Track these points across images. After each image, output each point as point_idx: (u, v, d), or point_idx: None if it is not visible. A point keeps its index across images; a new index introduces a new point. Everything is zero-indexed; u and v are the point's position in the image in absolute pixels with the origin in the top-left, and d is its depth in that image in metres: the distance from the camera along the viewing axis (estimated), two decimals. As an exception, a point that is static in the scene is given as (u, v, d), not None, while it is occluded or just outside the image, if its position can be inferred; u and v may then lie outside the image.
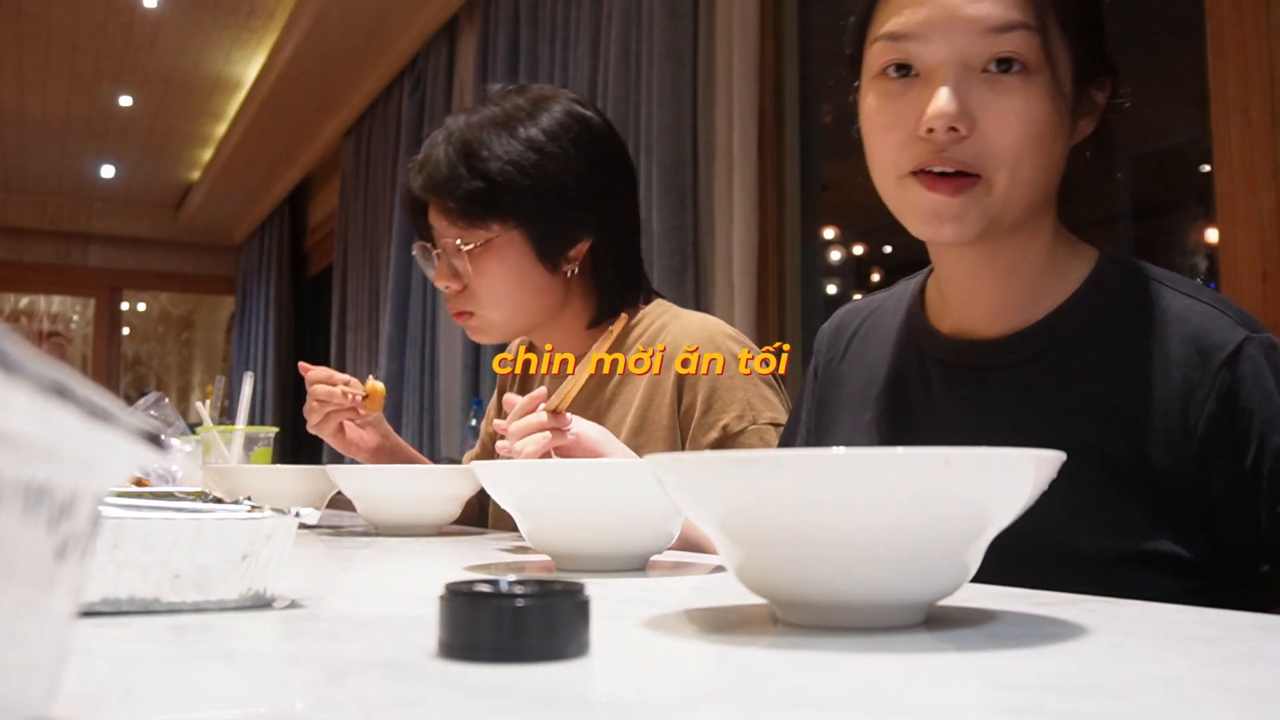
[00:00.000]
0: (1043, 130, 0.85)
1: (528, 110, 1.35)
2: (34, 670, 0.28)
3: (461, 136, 1.34)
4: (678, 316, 1.39)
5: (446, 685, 0.40)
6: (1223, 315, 0.84)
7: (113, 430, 0.27)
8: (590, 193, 1.34)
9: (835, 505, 0.47)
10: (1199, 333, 0.84)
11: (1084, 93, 0.88)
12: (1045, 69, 0.84)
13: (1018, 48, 0.83)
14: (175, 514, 0.60)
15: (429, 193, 1.35)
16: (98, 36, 4.99)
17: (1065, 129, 0.87)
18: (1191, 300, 0.86)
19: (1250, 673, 0.43)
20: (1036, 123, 0.84)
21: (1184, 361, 0.83)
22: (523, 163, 1.31)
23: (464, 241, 1.33)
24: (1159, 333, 0.85)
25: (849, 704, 0.37)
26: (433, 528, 1.28)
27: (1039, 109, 0.84)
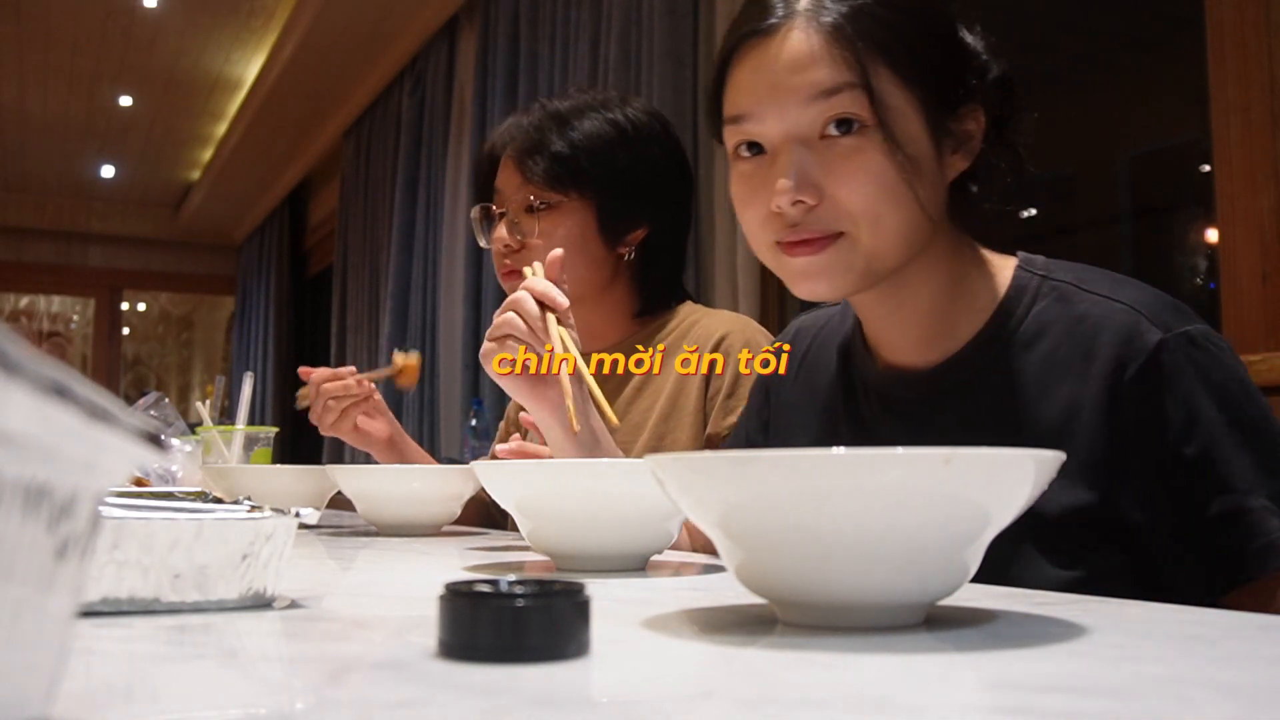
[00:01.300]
0: (895, 181, 0.84)
1: (617, 102, 1.44)
2: (34, 670, 0.28)
3: (555, 109, 1.42)
4: (709, 314, 1.44)
5: (446, 685, 0.40)
6: (1139, 317, 0.83)
7: (113, 430, 0.27)
8: (656, 186, 1.42)
9: (835, 505, 0.47)
10: (1117, 339, 0.83)
11: (945, 129, 0.87)
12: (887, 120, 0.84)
13: (849, 108, 0.84)
14: (175, 514, 0.60)
15: (516, 151, 1.41)
16: (98, 36, 4.99)
17: (927, 170, 0.86)
18: (1108, 303, 0.85)
19: (1250, 673, 0.43)
20: (886, 176, 0.84)
21: (1105, 372, 0.82)
22: (607, 141, 1.39)
23: (536, 199, 1.38)
24: (1080, 343, 0.84)
25: (849, 704, 0.37)
26: (432, 527, 1.28)
27: (884, 162, 0.84)
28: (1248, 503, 0.78)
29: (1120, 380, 0.82)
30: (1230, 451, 0.79)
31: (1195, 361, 0.81)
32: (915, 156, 0.85)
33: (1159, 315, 0.83)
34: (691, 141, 2.69)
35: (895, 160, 0.84)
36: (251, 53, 5.19)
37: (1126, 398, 0.82)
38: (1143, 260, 2.32)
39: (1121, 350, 0.82)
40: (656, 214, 1.43)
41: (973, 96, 0.88)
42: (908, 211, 0.85)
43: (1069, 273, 0.89)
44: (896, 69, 0.85)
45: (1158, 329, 0.82)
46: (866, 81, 0.84)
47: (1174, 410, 0.80)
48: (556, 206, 1.39)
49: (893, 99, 0.84)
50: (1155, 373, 0.81)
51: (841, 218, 0.85)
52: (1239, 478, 0.78)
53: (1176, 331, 0.82)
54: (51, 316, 8.89)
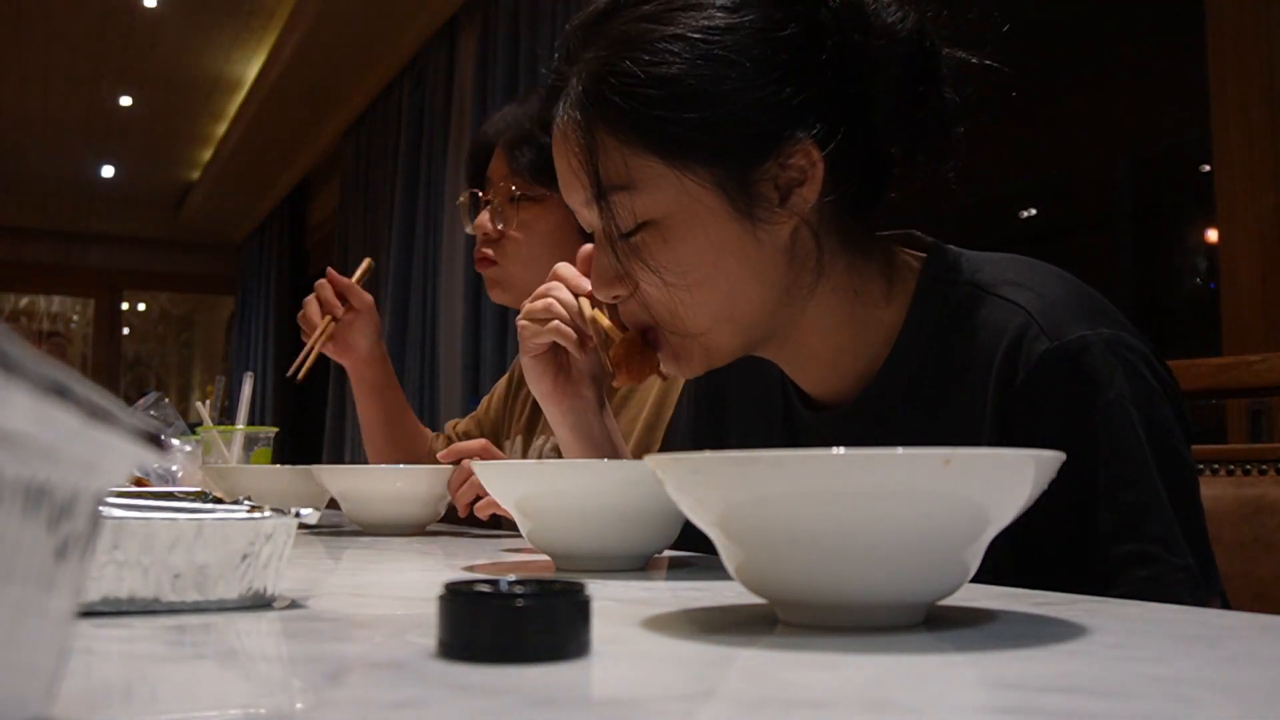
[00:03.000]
0: (695, 267, 0.77)
1: None
2: (34, 670, 0.28)
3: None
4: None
5: (446, 685, 0.40)
6: (1030, 322, 0.76)
7: (113, 430, 0.27)
8: None
9: (835, 505, 0.47)
10: (1007, 347, 0.76)
11: (751, 191, 0.77)
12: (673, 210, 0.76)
13: (618, 212, 0.77)
14: (175, 514, 0.60)
15: (507, 140, 1.41)
16: (98, 36, 5.00)
17: (738, 249, 0.77)
18: (1007, 306, 0.78)
19: (1250, 673, 0.43)
20: (680, 268, 0.77)
21: (997, 384, 0.76)
22: None
23: (519, 190, 1.38)
24: (980, 354, 0.78)
25: (849, 704, 0.37)
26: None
27: (672, 256, 0.77)
28: (1108, 551, 0.72)
29: (1008, 393, 0.76)
30: (1100, 491, 0.72)
31: (1083, 376, 0.73)
32: (701, 245, 0.77)
33: (1053, 320, 0.75)
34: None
35: (682, 255, 0.77)
36: (251, 53, 5.19)
37: (1013, 413, 0.76)
38: (1143, 260, 2.32)
39: (1008, 361, 0.76)
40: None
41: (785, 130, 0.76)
42: (729, 283, 0.78)
43: (978, 271, 0.82)
44: (658, 150, 0.76)
45: (1046, 336, 0.75)
46: (600, 192, 0.78)
47: (1049, 432, 0.72)
48: (539, 200, 1.38)
49: (660, 189, 0.77)
50: (1037, 388, 0.74)
51: (651, 312, 0.81)
52: (1104, 523, 0.72)
53: (1070, 338, 0.74)
54: (51, 316, 8.89)
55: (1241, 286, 1.66)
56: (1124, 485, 0.72)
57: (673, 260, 0.78)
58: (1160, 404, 0.75)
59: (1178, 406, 0.78)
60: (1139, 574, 0.71)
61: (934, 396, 0.81)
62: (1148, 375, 0.75)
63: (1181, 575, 0.72)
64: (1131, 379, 0.74)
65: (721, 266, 0.78)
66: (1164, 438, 0.74)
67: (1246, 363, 1.54)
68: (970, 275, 0.82)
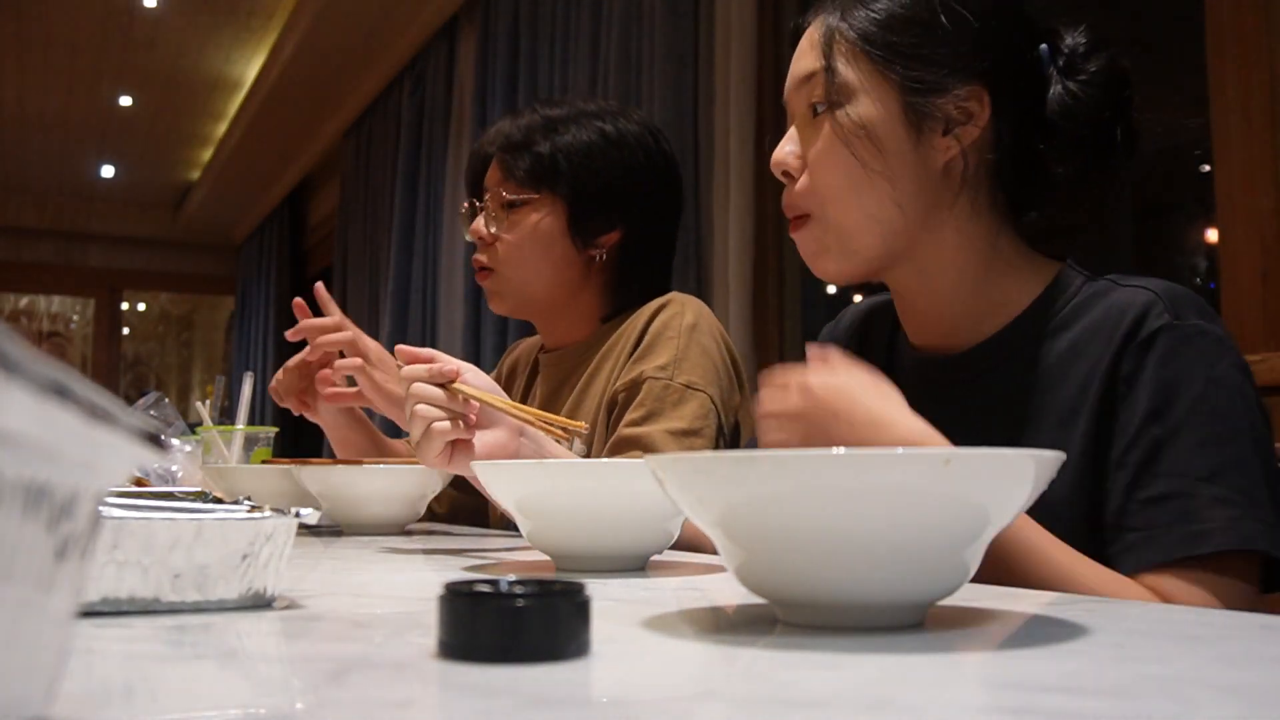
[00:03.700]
0: (848, 160, 0.89)
1: (612, 112, 1.46)
2: (34, 670, 0.28)
3: (547, 114, 1.45)
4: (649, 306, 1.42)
5: (446, 685, 0.40)
6: (1157, 300, 0.84)
7: (113, 430, 0.27)
8: (634, 191, 1.43)
9: (835, 505, 0.47)
10: (1130, 318, 0.84)
11: (926, 110, 0.89)
12: (843, 102, 0.90)
13: (817, 92, 0.91)
14: (175, 514, 0.60)
15: (500, 148, 1.44)
16: (98, 36, 4.99)
17: (903, 153, 0.89)
18: (1135, 289, 0.86)
19: (1250, 673, 0.43)
20: (837, 155, 0.90)
21: (1113, 348, 0.84)
22: (590, 146, 1.41)
23: (510, 194, 1.41)
24: (1104, 327, 0.86)
25: (849, 704, 0.37)
26: (397, 526, 1.27)
27: (836, 143, 0.89)
28: (1196, 489, 0.78)
29: (1121, 355, 0.83)
30: (1195, 440, 0.79)
31: (1194, 351, 0.82)
32: (878, 137, 0.89)
33: (1179, 305, 0.84)
34: (692, 142, 2.69)
35: (850, 140, 0.89)
36: (251, 53, 5.19)
37: (1120, 371, 0.83)
38: (1143, 260, 2.32)
39: (1130, 328, 0.84)
40: (632, 219, 1.43)
41: (967, 76, 0.89)
42: (880, 189, 0.89)
43: (1114, 273, 0.91)
44: (867, 52, 0.90)
45: (1168, 314, 0.83)
46: (829, 66, 0.91)
47: (1157, 389, 0.81)
48: (528, 202, 1.41)
49: (856, 81, 0.90)
50: (1149, 351, 0.82)
51: (808, 196, 0.93)
52: (1196, 466, 0.79)
53: (1188, 322, 0.83)
54: (51, 316, 8.89)
55: (1241, 286, 1.66)
56: (1218, 441, 0.79)
57: (853, 143, 0.90)
58: (1253, 399, 0.83)
59: (1265, 414, 0.84)
60: (1225, 513, 0.77)
61: (1044, 366, 0.88)
62: (1245, 374, 0.84)
63: (1261, 525, 0.77)
64: (1233, 369, 0.82)
65: (882, 161, 0.90)
66: (1258, 418, 0.82)
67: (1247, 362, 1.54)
68: (1106, 276, 0.91)
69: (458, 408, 1.00)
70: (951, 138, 0.90)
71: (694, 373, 1.29)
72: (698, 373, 1.29)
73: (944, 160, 0.90)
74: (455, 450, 1.00)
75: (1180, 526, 0.78)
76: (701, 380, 1.29)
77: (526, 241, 1.41)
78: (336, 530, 1.28)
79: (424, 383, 0.99)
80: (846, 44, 0.91)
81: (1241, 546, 0.76)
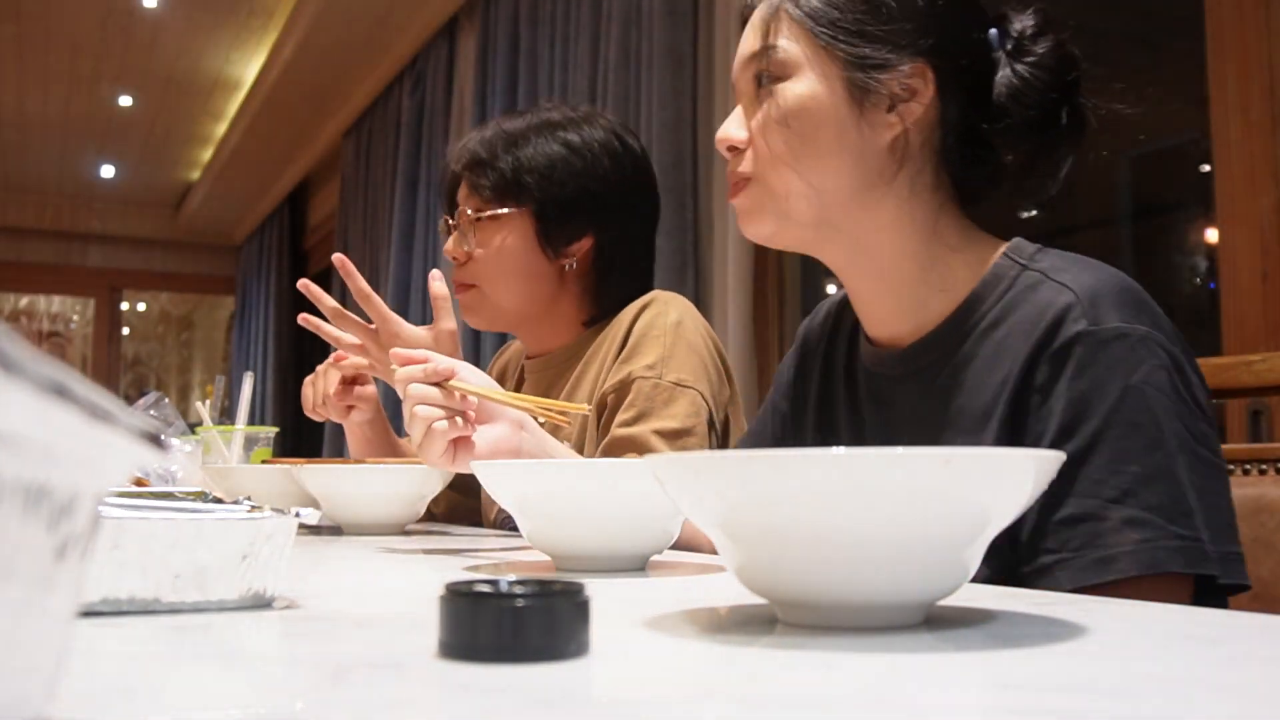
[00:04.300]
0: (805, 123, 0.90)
1: (575, 120, 1.46)
2: (34, 670, 0.28)
3: (509, 128, 1.45)
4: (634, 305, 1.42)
5: (446, 685, 0.40)
6: (1076, 303, 0.81)
7: (113, 430, 0.27)
8: (606, 200, 1.43)
9: (835, 505, 0.47)
10: (1047, 324, 0.82)
11: (869, 86, 0.89)
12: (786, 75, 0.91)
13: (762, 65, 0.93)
14: (175, 514, 0.60)
15: (464, 167, 1.45)
16: (98, 36, 4.99)
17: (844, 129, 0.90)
18: (1057, 288, 0.84)
19: (1250, 673, 0.43)
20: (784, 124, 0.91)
21: (1028, 357, 0.82)
22: (553, 158, 1.42)
23: (476, 211, 1.42)
24: (1026, 329, 0.84)
25: (849, 704, 0.37)
26: (396, 527, 1.27)
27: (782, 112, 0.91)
28: (1106, 511, 0.75)
29: (1035, 366, 0.82)
30: (1107, 457, 0.76)
31: (1111, 358, 0.78)
32: (820, 112, 0.90)
33: (1099, 306, 0.81)
34: (691, 142, 2.69)
35: (791, 115, 0.90)
36: (251, 53, 5.19)
37: (1033, 380, 0.82)
38: (1143, 260, 2.32)
39: (1044, 336, 0.82)
40: (603, 225, 1.43)
41: (911, 53, 0.89)
42: (806, 161, 0.90)
43: (1049, 260, 0.88)
44: (811, 28, 0.91)
45: (1085, 319, 0.80)
46: (771, 44, 0.92)
47: (1069, 403, 0.78)
48: (497, 218, 1.42)
49: (799, 56, 0.91)
50: (1065, 362, 0.80)
51: (755, 161, 0.94)
52: (1107, 486, 0.76)
53: (1106, 326, 0.79)
54: (51, 316, 8.89)
55: (1241, 286, 1.66)
56: (1130, 458, 0.76)
57: (792, 111, 0.91)
58: (1181, 403, 0.79)
59: (1204, 411, 0.81)
60: (1134, 536, 0.74)
61: (975, 361, 0.87)
62: (1174, 376, 0.79)
63: (1177, 543, 0.74)
64: (1155, 372, 0.78)
65: (823, 134, 0.90)
66: (1183, 425, 0.78)
67: (1246, 363, 1.54)
68: (1040, 263, 0.89)
69: (456, 405, 0.99)
70: (895, 115, 0.90)
71: (682, 370, 1.29)
72: (686, 370, 1.29)
73: (887, 137, 0.90)
74: (458, 448, 1.00)
75: (1089, 552, 0.75)
76: (690, 377, 1.29)
77: (497, 257, 1.42)
78: (336, 530, 1.28)
79: (420, 383, 0.99)
80: (790, 20, 0.92)
81: (1147, 572, 0.74)
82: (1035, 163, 0.91)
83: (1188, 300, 2.23)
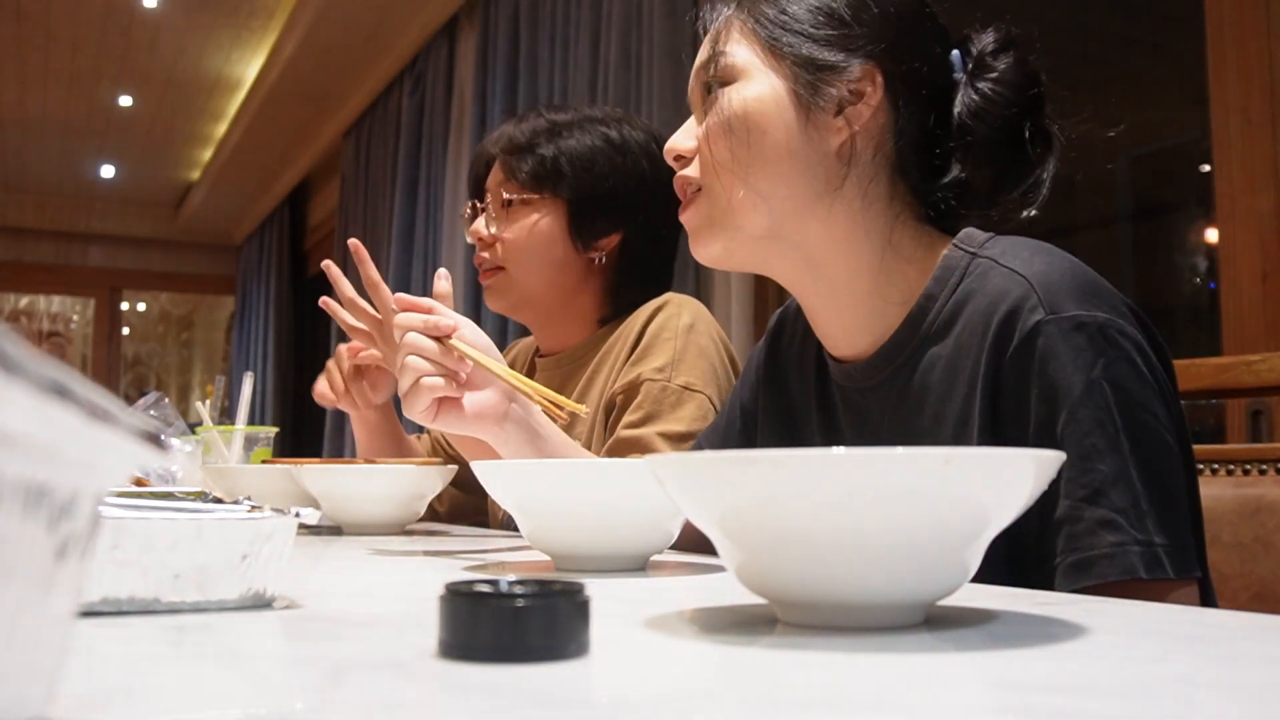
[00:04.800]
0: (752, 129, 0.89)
1: (616, 119, 1.47)
2: (34, 670, 0.28)
3: (553, 119, 1.46)
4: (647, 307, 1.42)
5: (446, 685, 0.40)
6: (1031, 292, 0.80)
7: (113, 430, 0.27)
8: (639, 199, 1.43)
9: (835, 505, 0.47)
10: (1004, 315, 0.80)
11: (817, 89, 0.88)
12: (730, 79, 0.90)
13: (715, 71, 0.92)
14: (175, 514, 0.60)
15: (504, 150, 1.45)
16: (98, 36, 4.99)
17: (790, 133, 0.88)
18: (1011, 276, 0.82)
19: (1250, 673, 0.43)
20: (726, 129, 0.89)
21: (991, 352, 0.81)
22: (594, 152, 1.42)
23: (511, 195, 1.43)
24: (982, 322, 0.82)
25: (849, 704, 0.37)
26: (397, 527, 1.27)
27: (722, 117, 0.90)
28: (1080, 512, 0.75)
29: (1000, 361, 0.80)
30: (1076, 454, 0.75)
31: (1071, 349, 0.77)
32: (765, 116, 0.89)
33: (1053, 294, 0.79)
34: (691, 141, 2.69)
35: (737, 118, 0.89)
36: (251, 53, 5.19)
37: (1003, 382, 0.80)
38: (1143, 260, 2.32)
39: (1004, 327, 0.80)
40: (633, 223, 1.44)
41: (859, 56, 0.89)
42: (753, 167, 0.89)
43: (999, 247, 0.87)
44: (757, 31, 0.91)
45: (1043, 308, 0.78)
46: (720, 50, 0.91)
47: (1039, 400, 0.77)
48: (529, 203, 1.42)
49: (745, 61, 0.90)
50: (1027, 358, 0.78)
51: (699, 170, 0.93)
52: (1078, 485, 0.75)
53: (1064, 315, 0.78)
54: (51, 316, 8.89)
55: (1241, 286, 1.66)
56: (1097, 455, 0.75)
57: (737, 115, 0.90)
58: (1144, 391, 0.77)
59: (1168, 396, 0.80)
60: (1109, 538, 0.74)
61: (941, 358, 0.86)
62: (1138, 362, 0.78)
63: (1140, 549, 0.74)
64: (1115, 364, 0.77)
65: (769, 139, 0.89)
66: (1142, 422, 0.77)
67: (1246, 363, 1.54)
68: (990, 250, 0.87)
69: (451, 364, 0.98)
70: (842, 119, 0.89)
71: (691, 374, 1.29)
72: (695, 374, 1.29)
73: (835, 142, 0.89)
74: (443, 407, 0.98)
75: (1069, 555, 0.75)
76: (699, 381, 1.29)
77: (526, 240, 1.42)
78: (336, 530, 1.28)
79: (419, 333, 0.98)
80: (740, 26, 0.92)
81: (1122, 578, 0.73)
82: (1004, 181, 0.90)
83: (1188, 300, 2.23)
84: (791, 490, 0.47)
